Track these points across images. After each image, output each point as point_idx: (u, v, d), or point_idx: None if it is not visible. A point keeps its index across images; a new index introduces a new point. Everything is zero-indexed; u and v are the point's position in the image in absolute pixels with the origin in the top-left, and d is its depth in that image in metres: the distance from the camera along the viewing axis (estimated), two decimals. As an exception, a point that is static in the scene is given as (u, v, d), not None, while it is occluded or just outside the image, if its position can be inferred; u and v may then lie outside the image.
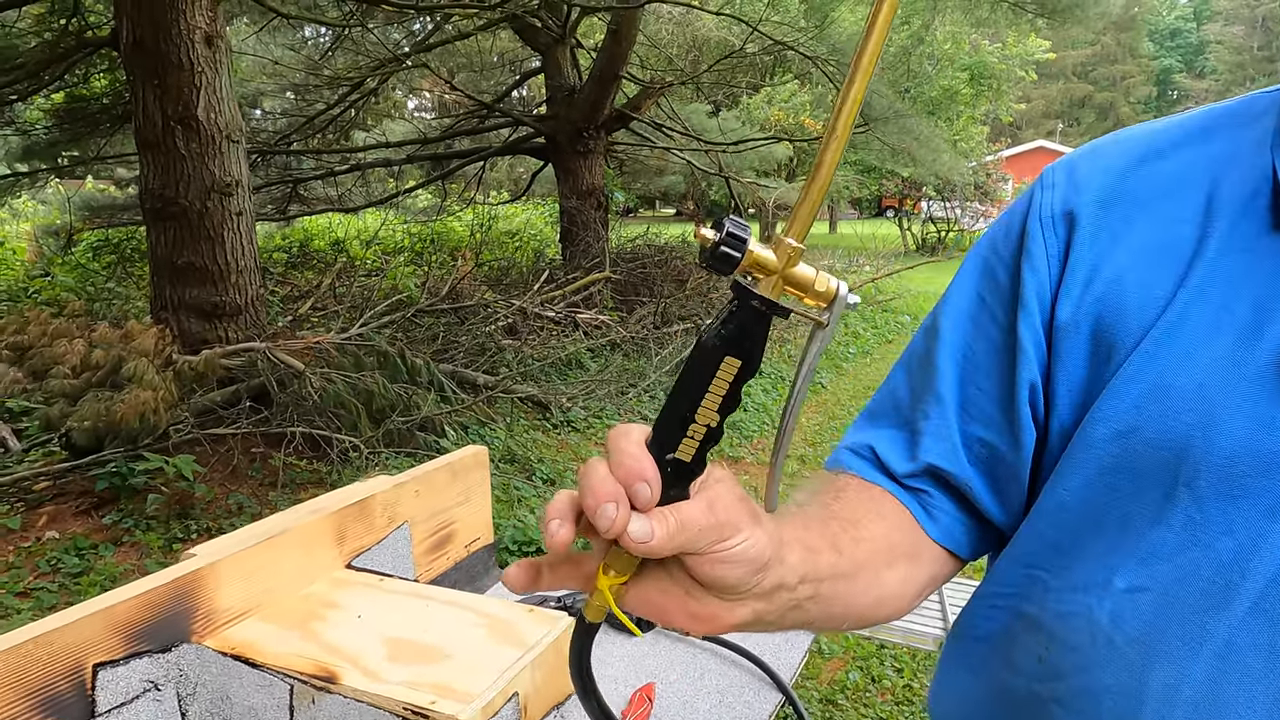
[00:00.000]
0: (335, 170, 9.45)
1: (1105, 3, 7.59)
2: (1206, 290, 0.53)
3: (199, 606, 0.87)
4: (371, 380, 3.76)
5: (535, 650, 0.86)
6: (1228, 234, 0.54)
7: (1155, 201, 0.57)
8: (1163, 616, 0.52)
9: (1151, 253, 0.56)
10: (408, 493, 1.16)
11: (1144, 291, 0.55)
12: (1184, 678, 0.50)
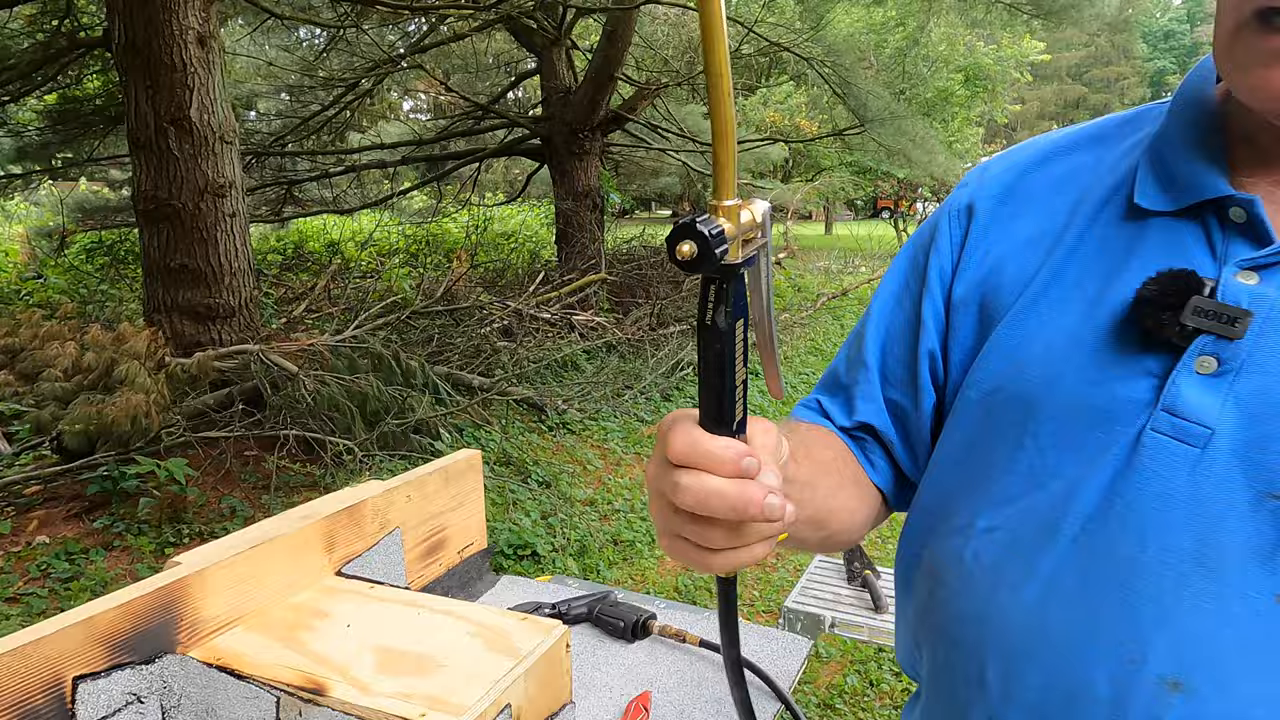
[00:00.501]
0: (330, 172, 9.42)
1: (1100, 4, 7.59)
2: (1063, 270, 0.63)
3: (184, 616, 0.85)
4: (365, 383, 3.74)
5: (529, 660, 0.84)
6: (1088, 223, 0.64)
7: (1042, 197, 0.68)
8: (1008, 551, 0.60)
9: (1030, 240, 0.66)
10: (399, 498, 1.14)
11: (1018, 272, 0.66)
12: (1018, 602, 0.58)
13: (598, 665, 1.09)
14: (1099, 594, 0.55)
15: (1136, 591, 0.54)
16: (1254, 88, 0.53)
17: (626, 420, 4.81)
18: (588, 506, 3.70)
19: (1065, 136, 0.72)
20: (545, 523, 3.40)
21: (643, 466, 4.31)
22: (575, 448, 4.32)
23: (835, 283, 10.40)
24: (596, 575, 3.10)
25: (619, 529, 3.51)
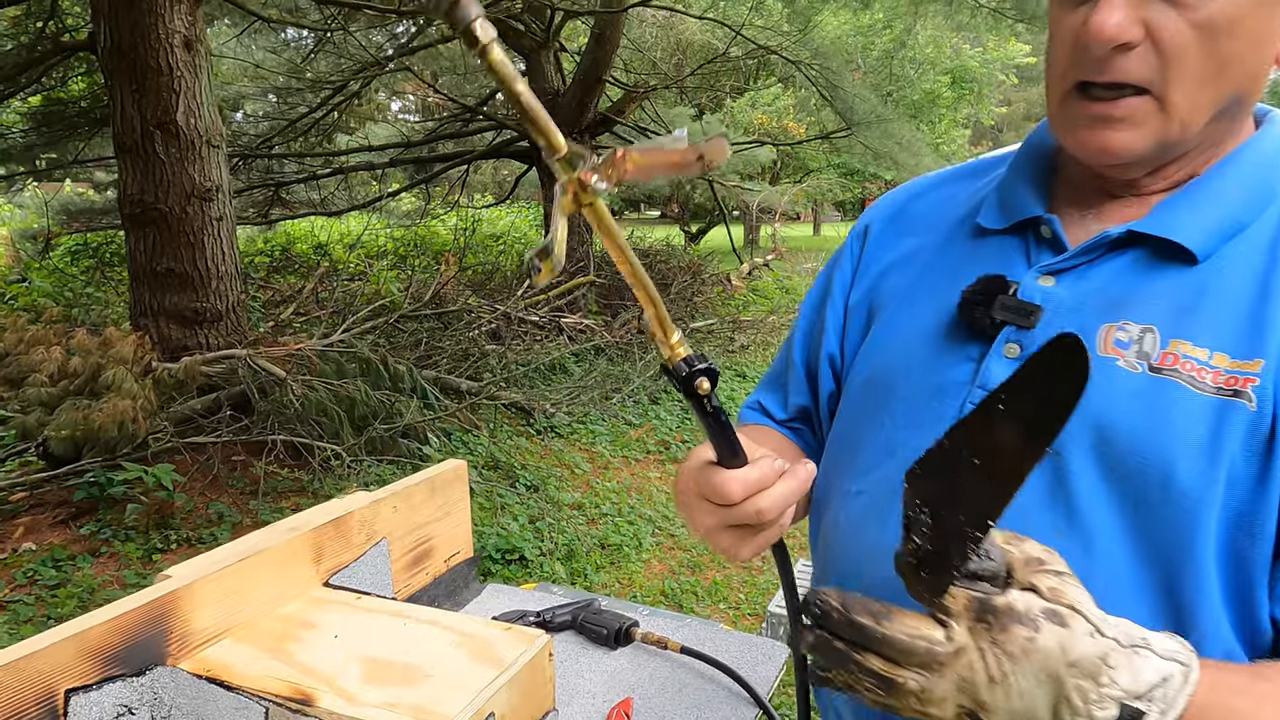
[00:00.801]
0: (318, 174, 9.40)
1: (1084, 9, 7.67)
2: (925, 278, 0.77)
3: (174, 629, 0.87)
4: (354, 387, 3.75)
5: (512, 670, 0.86)
6: (947, 240, 0.79)
7: (920, 220, 0.83)
8: (867, 511, 0.74)
9: (907, 255, 0.81)
10: (386, 509, 1.15)
11: (897, 281, 0.80)
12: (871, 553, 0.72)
13: (581, 672, 1.12)
14: None
15: None
16: (1079, 144, 0.66)
17: (614, 423, 4.83)
18: (575, 510, 3.72)
19: (948, 171, 0.87)
20: (533, 527, 3.42)
21: (630, 470, 4.33)
22: (563, 451, 4.34)
23: (823, 284, 10.45)
24: (584, 579, 3.12)
25: (606, 533, 3.53)
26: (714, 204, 12.05)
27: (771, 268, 11.72)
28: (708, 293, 8.82)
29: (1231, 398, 0.61)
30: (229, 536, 3.13)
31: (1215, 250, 0.65)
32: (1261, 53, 0.62)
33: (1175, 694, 0.50)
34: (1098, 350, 0.65)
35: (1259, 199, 0.65)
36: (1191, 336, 0.63)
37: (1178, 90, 0.61)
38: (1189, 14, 0.59)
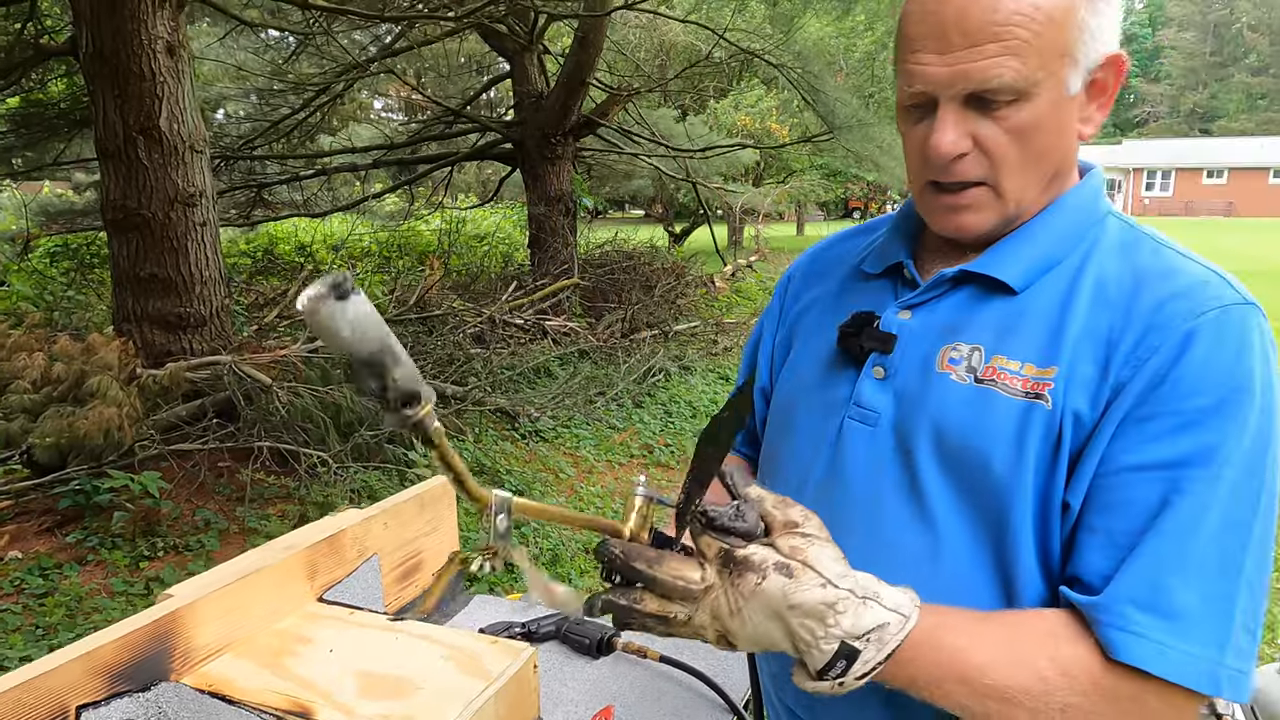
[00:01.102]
0: (300, 175, 9.37)
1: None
2: (827, 316, 0.91)
3: (177, 645, 0.91)
4: (339, 393, 3.77)
5: (499, 682, 0.91)
6: (842, 285, 0.95)
7: (827, 269, 0.99)
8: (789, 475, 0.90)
9: (816, 298, 0.97)
10: (377, 525, 1.20)
11: (809, 321, 0.96)
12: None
13: (564, 681, 1.17)
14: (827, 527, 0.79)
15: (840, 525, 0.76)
16: (939, 226, 0.83)
17: (598, 428, 4.88)
18: (560, 514, 3.77)
19: (849, 229, 1.04)
20: (519, 532, 3.46)
21: (614, 474, 4.38)
22: (548, 456, 4.38)
23: (805, 286, 10.53)
24: (568, 584, 3.17)
25: (590, 538, 3.58)
26: (698, 205, 12.12)
27: (755, 269, 11.80)
28: (691, 295, 8.88)
29: (1034, 400, 0.74)
30: (216, 543, 3.15)
31: (1032, 282, 0.79)
32: (1066, 138, 0.78)
33: (890, 638, 0.65)
34: (936, 368, 0.80)
35: (1070, 239, 0.80)
36: (1008, 352, 0.77)
37: (1007, 180, 0.77)
38: (1003, 124, 0.74)
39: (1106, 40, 0.76)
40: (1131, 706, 0.67)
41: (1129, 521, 0.69)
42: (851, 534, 0.78)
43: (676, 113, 12.50)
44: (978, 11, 0.71)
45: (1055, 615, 0.71)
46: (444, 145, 9.96)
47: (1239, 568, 0.68)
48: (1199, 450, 0.68)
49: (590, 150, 9.90)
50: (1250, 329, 0.71)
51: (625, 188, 15.09)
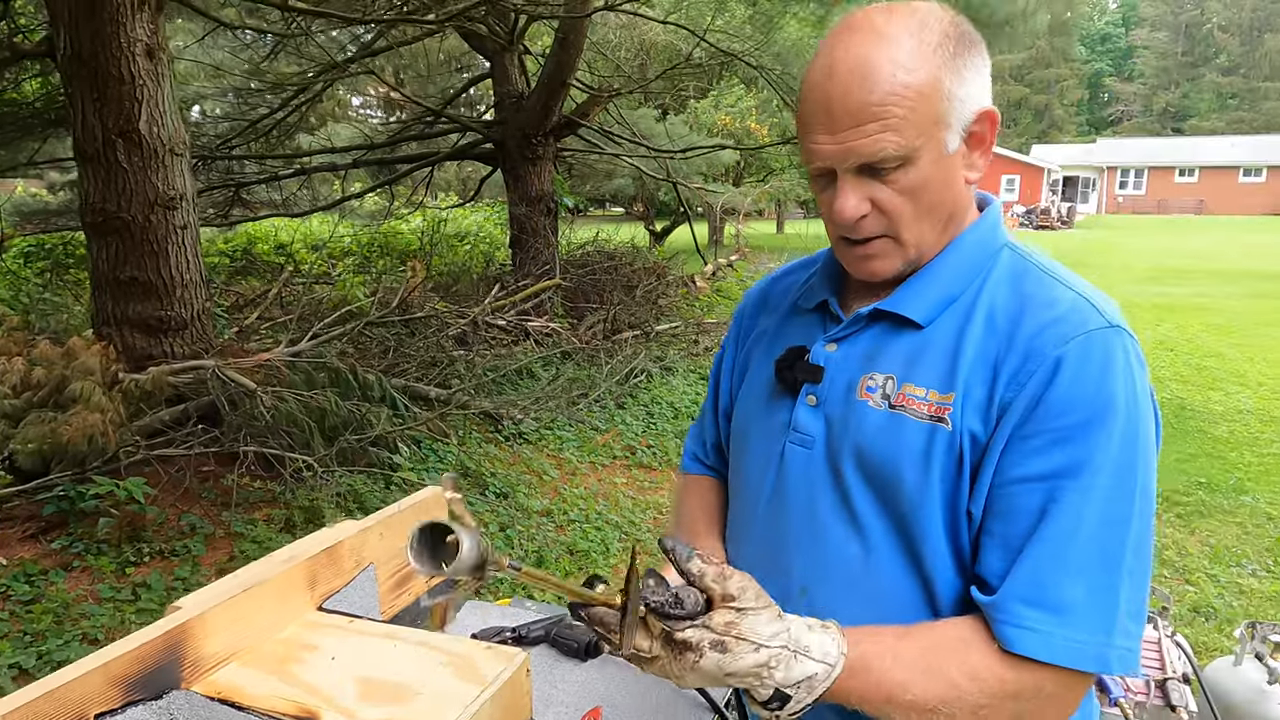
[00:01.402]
0: (279, 174, 9.32)
1: (1034, 21, 7.93)
2: (770, 345, 1.03)
3: (187, 655, 0.96)
4: (323, 398, 3.80)
5: (494, 686, 0.96)
6: (784, 317, 1.05)
7: (773, 301, 1.10)
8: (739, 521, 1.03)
9: (764, 329, 1.07)
10: (373, 536, 1.25)
11: (757, 350, 1.06)
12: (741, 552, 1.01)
13: (554, 683, 1.23)
14: (774, 541, 0.96)
15: (788, 537, 0.92)
16: (853, 271, 0.94)
17: (581, 429, 4.93)
18: (544, 517, 3.82)
19: (796, 262, 1.15)
20: (504, 534, 3.51)
21: (597, 476, 4.43)
22: (531, 458, 4.43)
23: (785, 285, 10.63)
24: (553, 585, 3.23)
25: (575, 539, 3.64)
26: (679, 203, 12.18)
27: (735, 268, 11.89)
28: (673, 295, 8.94)
29: (937, 423, 0.84)
30: (203, 548, 3.17)
31: (935, 317, 0.89)
32: (953, 189, 0.88)
33: (818, 684, 0.76)
34: (856, 395, 0.90)
35: (967, 275, 0.90)
36: (915, 380, 0.87)
37: (905, 232, 0.87)
38: (894, 186, 0.84)
39: (976, 99, 0.85)
40: (1034, 696, 0.77)
41: (1017, 526, 0.79)
42: (798, 545, 0.92)
43: (657, 113, 12.56)
44: (857, 95, 0.81)
45: (966, 622, 0.81)
46: (424, 145, 9.96)
47: (1120, 561, 0.77)
48: (1071, 463, 0.78)
49: (571, 150, 9.94)
50: (1113, 351, 0.80)
51: (606, 186, 15.14)
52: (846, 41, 0.83)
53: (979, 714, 0.77)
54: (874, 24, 0.83)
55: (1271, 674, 2.04)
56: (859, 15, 0.85)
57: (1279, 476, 4.66)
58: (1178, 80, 67.64)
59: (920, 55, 0.81)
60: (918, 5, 0.85)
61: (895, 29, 0.82)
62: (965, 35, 0.85)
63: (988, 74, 0.87)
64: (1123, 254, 18.86)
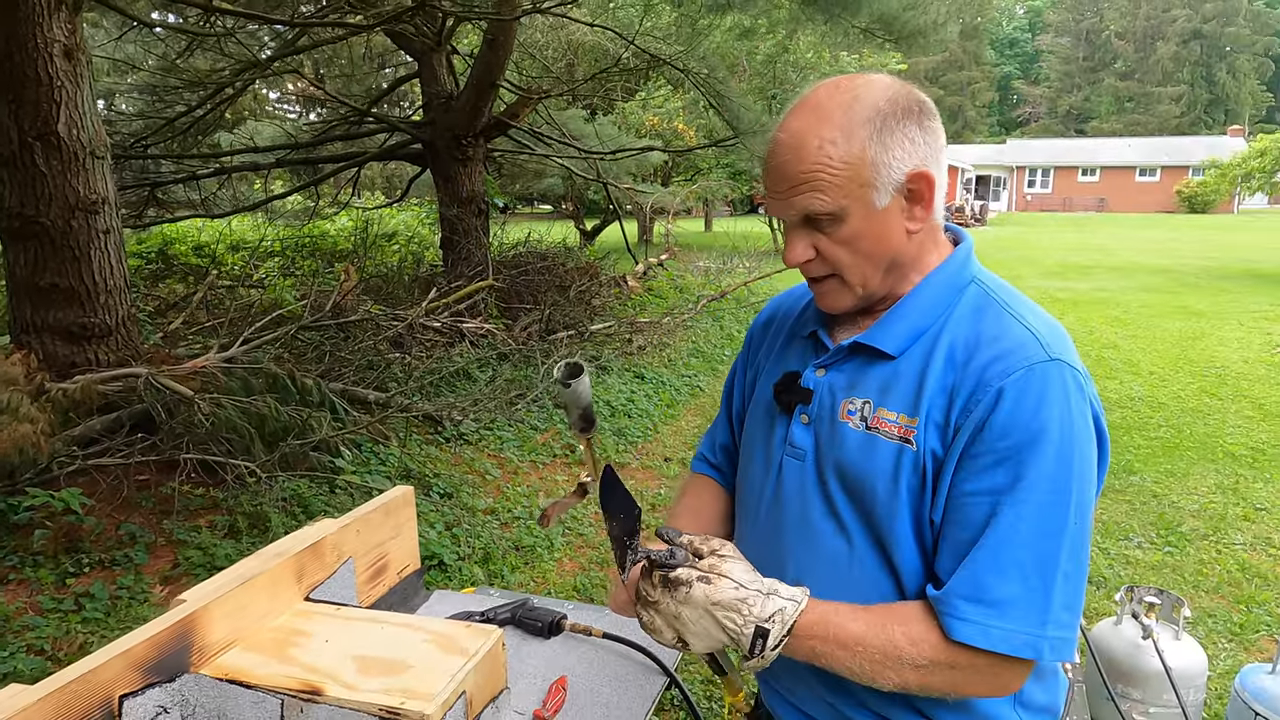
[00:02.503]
0: (198, 174, 9.07)
1: (944, 30, 8.34)
2: (774, 365, 1.18)
3: (195, 642, 1.05)
4: (263, 403, 3.80)
5: (476, 657, 1.09)
6: (785, 341, 1.20)
7: (776, 324, 1.25)
8: (748, 514, 1.17)
9: (769, 349, 1.22)
10: (351, 532, 1.36)
11: (766, 367, 1.21)
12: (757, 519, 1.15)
13: (523, 659, 1.36)
14: (772, 541, 1.11)
15: (783, 537, 1.09)
16: (819, 305, 1.10)
17: (520, 429, 5.03)
18: (489, 515, 3.91)
19: (798, 288, 1.27)
20: (450, 533, 3.60)
21: (539, 474, 4.55)
22: (473, 458, 4.51)
23: (714, 284, 10.89)
24: (501, 580, 3.33)
25: (520, 535, 3.75)
26: (608, 202, 12.31)
27: (666, 267, 12.10)
28: (605, 295, 9.08)
29: (904, 443, 0.98)
30: (145, 556, 3.17)
31: (906, 349, 1.03)
32: (889, 239, 1.01)
33: (788, 617, 0.93)
34: (839, 417, 1.05)
35: (934, 311, 1.03)
36: (888, 405, 1.01)
37: (847, 275, 1.02)
38: (832, 237, 0.99)
39: (907, 162, 0.97)
40: (967, 669, 0.94)
41: (965, 532, 0.94)
42: (792, 543, 1.08)
43: (586, 113, 12.66)
44: (792, 163, 0.97)
45: (912, 604, 0.97)
46: (350, 144, 9.82)
47: (1055, 564, 0.92)
48: (1008, 480, 0.92)
49: (501, 150, 9.96)
50: (1050, 382, 0.94)
51: (536, 185, 15.15)
52: (793, 115, 0.98)
53: (919, 672, 0.94)
54: (817, 101, 0.97)
55: (1145, 630, 2.32)
56: (811, 93, 1.00)
57: (1164, 457, 5.09)
58: (1080, 84, 71.17)
59: (847, 128, 0.95)
60: (862, 81, 0.99)
61: (831, 105, 0.96)
62: (901, 109, 0.97)
63: (927, 138, 0.99)
64: (1031, 250, 19.87)
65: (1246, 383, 6.97)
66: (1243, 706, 2.22)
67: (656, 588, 0.96)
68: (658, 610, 0.96)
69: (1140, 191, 43.17)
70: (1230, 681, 2.36)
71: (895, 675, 0.94)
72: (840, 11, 7.25)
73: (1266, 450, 5.20)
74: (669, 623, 0.96)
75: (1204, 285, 13.48)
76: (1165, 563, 3.67)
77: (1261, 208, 43.26)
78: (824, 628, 0.94)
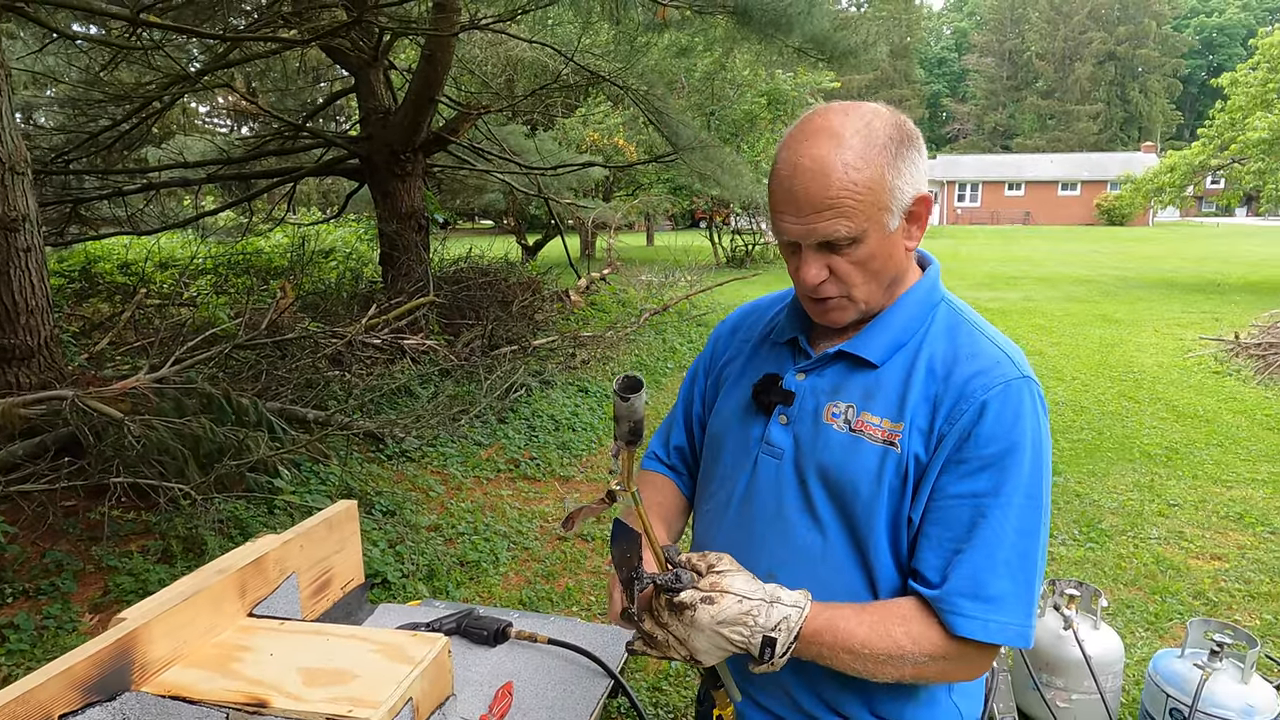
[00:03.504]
0: (124, 190, 8.79)
1: (874, 50, 8.61)
2: (745, 370, 1.24)
3: (135, 660, 1.05)
4: (197, 424, 3.72)
5: (422, 665, 1.11)
6: (755, 346, 1.26)
7: (744, 331, 1.31)
8: (714, 516, 1.21)
9: (736, 353, 1.28)
10: (294, 547, 1.36)
11: (730, 370, 1.27)
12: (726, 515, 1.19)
13: (469, 666, 1.38)
14: (745, 534, 1.15)
15: (757, 530, 1.13)
16: (819, 320, 1.15)
17: (464, 445, 5.00)
18: (433, 532, 3.89)
19: (764, 298, 1.35)
20: (394, 551, 3.56)
21: (483, 490, 4.54)
22: (416, 475, 4.47)
23: (657, 297, 10.99)
24: (446, 596, 3.31)
25: (464, 551, 3.73)
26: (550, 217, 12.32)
27: (608, 281, 12.16)
28: (548, 309, 9.08)
29: (889, 446, 1.06)
30: (73, 585, 3.06)
31: (887, 359, 1.10)
32: (895, 258, 1.08)
33: (794, 624, 0.99)
34: (823, 419, 1.11)
35: (912, 325, 1.12)
36: (872, 410, 1.08)
37: (856, 293, 1.08)
38: (848, 258, 1.05)
39: (914, 186, 1.04)
40: (958, 659, 1.02)
41: (951, 532, 1.02)
42: (766, 537, 1.13)
43: (526, 129, 12.67)
44: (816, 189, 1.00)
45: (907, 602, 1.04)
46: (285, 159, 9.63)
47: (1034, 560, 1.02)
48: (993, 485, 1.01)
49: (441, 166, 9.90)
50: (1024, 397, 1.03)
51: (477, 201, 15.07)
52: (811, 141, 1.01)
53: (918, 666, 1.01)
54: (831, 127, 1.01)
55: (1066, 621, 2.44)
56: (819, 118, 1.03)
57: (1086, 459, 5.34)
58: (1004, 102, 73.99)
59: (867, 155, 1.00)
60: (866, 108, 1.04)
61: (848, 132, 1.00)
62: (906, 135, 1.03)
63: (922, 164, 1.06)
64: (963, 262, 20.57)
65: (1161, 386, 7.35)
66: (1155, 690, 2.36)
67: (664, 611, 1.02)
68: (668, 631, 1.02)
69: (1062, 205, 45.06)
70: (1146, 667, 2.49)
71: (894, 671, 1.02)
72: (774, 31, 7.44)
73: (1179, 449, 5.49)
74: (679, 643, 1.01)
75: (1122, 294, 14.14)
76: (1087, 558, 3.85)
77: (1174, 220, 45.58)
78: (831, 634, 1.00)
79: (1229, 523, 4.27)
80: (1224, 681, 2.24)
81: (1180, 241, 28.65)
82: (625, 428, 1.04)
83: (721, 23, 8.27)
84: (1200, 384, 7.41)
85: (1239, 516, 4.33)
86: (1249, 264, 19.45)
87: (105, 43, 7.06)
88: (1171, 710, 2.28)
